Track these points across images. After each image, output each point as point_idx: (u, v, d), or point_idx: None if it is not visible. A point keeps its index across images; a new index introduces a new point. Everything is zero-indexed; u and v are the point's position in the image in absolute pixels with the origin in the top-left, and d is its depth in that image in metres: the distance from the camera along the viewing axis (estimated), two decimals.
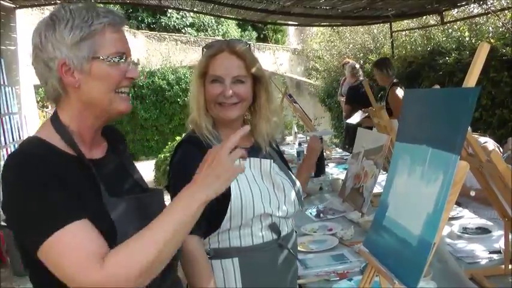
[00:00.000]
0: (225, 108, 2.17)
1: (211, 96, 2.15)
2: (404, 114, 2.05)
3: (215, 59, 2.16)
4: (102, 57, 1.56)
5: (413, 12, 8.70)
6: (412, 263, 1.64)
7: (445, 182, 1.58)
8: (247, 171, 2.16)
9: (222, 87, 2.14)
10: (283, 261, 2.22)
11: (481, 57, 1.71)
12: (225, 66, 2.16)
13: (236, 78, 2.16)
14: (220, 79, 2.15)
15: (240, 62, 2.18)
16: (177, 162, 2.16)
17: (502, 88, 6.34)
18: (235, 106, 2.18)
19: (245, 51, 2.20)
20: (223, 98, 2.15)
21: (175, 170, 2.17)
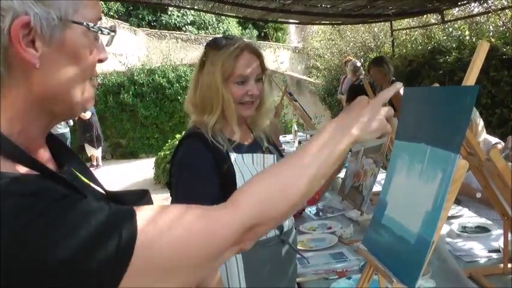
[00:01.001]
0: (246, 106, 2.20)
1: (237, 96, 2.16)
2: (403, 113, 2.05)
3: (239, 59, 2.16)
4: (86, 24, 1.04)
5: (413, 10, 8.69)
6: (411, 262, 1.64)
7: (443, 181, 1.58)
8: (251, 167, 2.16)
9: (248, 86, 2.17)
10: (284, 256, 2.24)
11: (481, 56, 1.71)
12: (250, 66, 2.18)
13: (258, 76, 2.21)
14: (246, 79, 2.17)
15: (258, 61, 2.22)
16: (182, 156, 2.14)
17: (502, 87, 6.34)
18: (253, 104, 2.22)
19: (260, 52, 2.25)
20: (248, 97, 2.18)
21: (180, 165, 2.15)
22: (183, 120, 15.29)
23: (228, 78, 2.15)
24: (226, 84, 2.15)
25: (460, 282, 2.39)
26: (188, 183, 2.10)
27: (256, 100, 2.22)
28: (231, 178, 2.08)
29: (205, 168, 2.08)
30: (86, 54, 1.06)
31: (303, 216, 3.77)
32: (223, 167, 2.09)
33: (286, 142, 7.72)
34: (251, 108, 2.21)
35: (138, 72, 16.33)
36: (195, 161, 2.11)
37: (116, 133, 16.25)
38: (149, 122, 16.29)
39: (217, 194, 2.06)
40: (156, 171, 11.26)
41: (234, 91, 2.15)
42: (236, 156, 2.15)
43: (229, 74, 2.15)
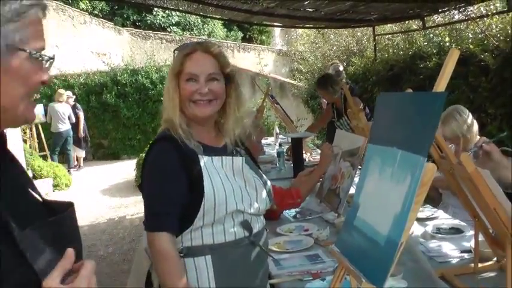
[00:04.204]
0: (199, 106, 2.20)
1: (186, 94, 2.19)
2: (376, 117, 2.11)
3: (190, 57, 2.20)
4: (29, 51, 1.20)
5: (395, 16, 8.77)
6: (380, 262, 1.69)
7: (412, 183, 1.63)
8: (219, 170, 2.20)
9: (198, 84, 2.18)
10: (255, 258, 2.26)
11: (451, 63, 1.77)
12: (200, 64, 2.20)
13: (211, 75, 2.21)
14: (195, 77, 2.18)
15: (214, 60, 2.23)
16: (152, 160, 2.19)
17: (480, 93, 6.41)
18: (209, 104, 2.22)
19: (218, 52, 2.25)
20: (198, 95, 2.18)
21: (150, 168, 2.20)
22: None
23: (178, 76, 2.20)
24: (177, 82, 2.20)
25: (431, 282, 2.44)
26: (157, 185, 2.14)
27: (215, 100, 2.23)
28: (199, 180, 2.11)
29: (174, 169, 2.12)
30: (30, 75, 1.22)
31: (281, 218, 3.81)
32: (192, 169, 2.12)
33: (268, 144, 7.77)
34: (207, 108, 2.22)
35: (122, 72, 16.28)
36: (165, 163, 2.15)
37: (98, 134, 16.22)
38: (131, 123, 16.24)
39: (185, 195, 2.10)
40: (137, 172, 11.19)
41: (183, 88, 2.19)
42: (206, 159, 2.18)
43: (179, 72, 2.20)
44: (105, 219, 9.14)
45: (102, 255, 7.29)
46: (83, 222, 8.95)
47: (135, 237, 7.86)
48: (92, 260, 1.23)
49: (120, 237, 8.07)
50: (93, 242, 7.87)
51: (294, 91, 15.76)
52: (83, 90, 15.97)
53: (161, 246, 2.06)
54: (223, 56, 2.28)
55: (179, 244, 2.15)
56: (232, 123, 2.30)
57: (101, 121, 16.14)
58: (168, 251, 2.06)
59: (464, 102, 6.61)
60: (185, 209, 2.10)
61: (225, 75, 2.26)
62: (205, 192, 2.10)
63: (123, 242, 7.82)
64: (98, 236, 8.16)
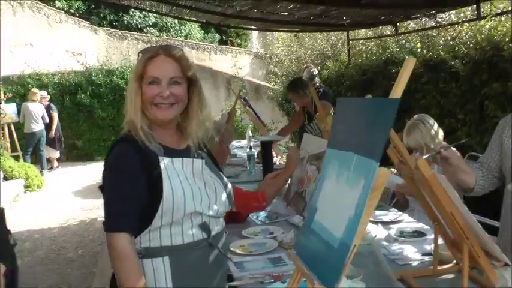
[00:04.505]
0: (161, 109, 2.21)
1: (148, 97, 2.20)
2: (335, 122, 2.14)
3: (152, 61, 2.21)
4: None
5: (368, 22, 8.87)
6: (333, 265, 1.72)
7: (365, 187, 1.66)
8: (179, 171, 2.21)
9: (160, 88, 2.19)
10: (213, 260, 2.27)
11: (408, 70, 1.81)
12: (162, 68, 2.20)
13: (173, 79, 2.21)
14: (157, 80, 2.19)
15: (176, 64, 2.23)
16: (112, 161, 2.20)
17: (451, 99, 6.50)
18: (171, 107, 2.22)
19: (181, 55, 2.26)
20: (160, 98, 2.19)
21: (109, 170, 2.20)
22: None
23: (141, 79, 2.21)
24: (139, 85, 2.21)
25: (389, 284, 2.48)
26: (117, 186, 2.15)
27: (177, 103, 2.24)
28: (158, 181, 2.12)
29: (133, 171, 2.12)
30: None
31: (247, 221, 3.83)
32: (152, 170, 2.13)
33: (240, 147, 7.79)
34: (169, 111, 2.23)
35: (96, 72, 16.17)
36: (124, 164, 2.16)
37: (72, 134, 16.05)
38: (106, 124, 16.13)
39: (145, 196, 2.11)
40: None
41: (145, 92, 2.20)
42: (166, 160, 2.19)
43: (141, 75, 2.21)
44: (77, 221, 9.07)
45: (71, 257, 7.25)
46: (54, 224, 8.91)
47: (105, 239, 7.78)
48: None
49: (91, 239, 8.02)
50: (63, 244, 7.82)
51: (269, 94, 15.80)
52: (57, 90, 15.81)
53: (120, 246, 2.06)
54: (186, 59, 2.29)
55: (138, 245, 2.15)
56: (195, 126, 2.31)
57: (75, 121, 16.01)
58: (126, 251, 2.06)
59: (435, 108, 6.73)
60: (144, 209, 2.11)
61: (187, 78, 2.28)
62: (164, 193, 2.11)
63: (93, 244, 7.77)
64: (69, 238, 8.10)
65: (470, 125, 6.17)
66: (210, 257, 2.26)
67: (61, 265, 6.95)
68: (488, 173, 2.91)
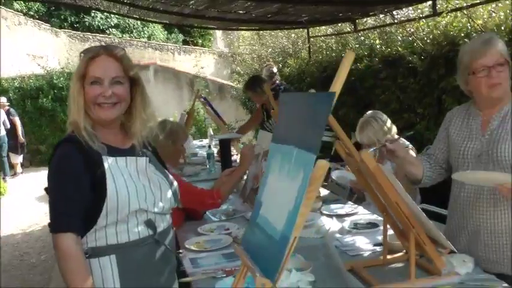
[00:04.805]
0: (104, 109, 2.22)
1: (91, 97, 2.20)
2: (279, 117, 2.17)
3: (94, 61, 2.21)
4: None
5: (325, 19, 8.92)
6: (274, 257, 1.75)
7: (304, 180, 1.69)
8: (123, 169, 2.22)
9: (102, 88, 2.19)
10: (160, 257, 2.29)
11: (346, 65, 1.85)
12: (104, 68, 2.21)
13: (115, 79, 2.22)
14: (99, 80, 2.20)
15: (117, 64, 2.24)
16: (56, 162, 2.19)
17: (409, 94, 6.58)
18: (114, 107, 2.23)
19: (122, 55, 2.27)
20: (102, 98, 2.19)
21: (53, 171, 2.20)
22: None
23: (83, 79, 2.21)
24: (81, 85, 2.21)
25: (339, 275, 2.52)
26: (60, 185, 2.15)
27: (119, 103, 2.25)
28: (102, 181, 2.13)
29: (76, 171, 2.13)
30: None
31: (204, 218, 3.85)
32: (96, 170, 2.14)
33: (202, 146, 7.81)
34: (111, 111, 2.23)
35: (58, 75, 16.01)
36: (67, 165, 2.16)
37: (35, 139, 15.85)
38: None
39: (89, 196, 2.11)
40: None
41: (87, 92, 2.20)
42: (110, 160, 2.20)
43: (83, 75, 2.21)
44: (40, 227, 8.96)
45: (34, 263, 7.19)
46: (17, 230, 8.82)
47: None
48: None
49: None
50: (26, 250, 7.76)
51: (233, 93, 15.82)
52: (18, 94, 15.63)
53: (65, 246, 2.06)
54: (128, 59, 2.30)
55: (84, 245, 2.16)
56: (138, 125, 2.32)
57: (38, 126, 15.82)
58: (72, 251, 2.07)
59: (394, 103, 6.81)
60: (89, 209, 2.12)
61: (130, 78, 2.29)
62: (108, 192, 2.12)
63: None
64: (32, 244, 8.03)
65: (429, 118, 6.25)
66: (156, 254, 2.28)
67: (24, 271, 6.90)
68: (436, 164, 2.98)
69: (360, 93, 7.59)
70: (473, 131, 2.80)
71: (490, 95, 2.71)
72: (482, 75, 2.67)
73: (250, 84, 6.62)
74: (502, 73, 2.63)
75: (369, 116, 4.22)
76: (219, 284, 2.54)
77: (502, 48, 2.65)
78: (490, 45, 2.66)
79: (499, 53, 2.64)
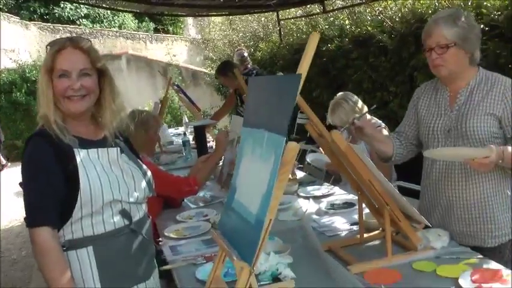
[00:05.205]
0: (73, 101, 2.21)
1: (59, 90, 2.19)
2: (248, 101, 2.19)
3: (60, 54, 2.20)
4: None
5: (295, 1, 8.94)
6: (250, 240, 1.77)
7: (276, 163, 1.71)
8: (95, 162, 2.22)
9: (70, 81, 2.18)
10: (137, 246, 2.30)
11: (312, 46, 1.85)
12: (71, 61, 2.20)
13: (82, 71, 2.21)
14: (67, 73, 2.18)
15: (84, 56, 2.23)
16: (28, 156, 2.19)
17: (381, 72, 6.63)
18: (83, 99, 2.22)
19: (89, 47, 2.26)
20: (71, 91, 2.19)
21: (26, 165, 2.20)
22: None
23: (51, 72, 2.20)
24: (49, 78, 2.20)
25: (316, 255, 2.55)
26: (33, 179, 2.15)
27: (88, 95, 2.24)
28: (75, 173, 2.13)
29: (48, 164, 2.12)
30: None
31: (182, 206, 3.86)
32: (68, 163, 2.13)
33: (178, 134, 7.80)
34: (81, 103, 2.22)
35: (30, 69, 15.86)
36: (39, 158, 2.15)
37: (10, 134, 15.67)
38: None
39: (61, 188, 2.11)
40: None
41: (56, 85, 2.19)
42: (82, 152, 2.19)
43: (50, 69, 2.20)
44: (20, 222, 8.87)
45: (15, 259, 7.16)
46: None
47: None
48: None
49: None
50: (6, 246, 7.71)
51: (206, 79, 15.79)
52: None
53: (41, 240, 2.06)
54: (94, 50, 2.29)
55: (61, 238, 2.15)
56: (109, 116, 2.32)
57: (13, 121, 15.67)
58: (49, 245, 2.06)
59: (366, 82, 6.86)
60: (63, 202, 2.12)
61: (97, 69, 2.28)
62: (81, 185, 2.12)
63: None
64: (12, 240, 7.98)
65: (401, 96, 6.31)
66: (134, 244, 2.29)
67: (5, 267, 6.86)
68: (406, 141, 3.01)
69: (332, 74, 7.63)
70: (442, 107, 2.83)
71: (436, 74, 2.78)
72: (428, 56, 2.73)
73: (221, 70, 6.64)
74: (445, 55, 2.65)
75: (339, 97, 4.23)
76: (199, 270, 2.56)
77: (446, 30, 2.63)
78: (434, 26, 2.68)
79: (441, 35, 2.64)
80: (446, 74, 2.73)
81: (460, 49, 2.65)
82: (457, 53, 2.66)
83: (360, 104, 4.19)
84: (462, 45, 2.65)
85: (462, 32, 2.64)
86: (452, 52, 2.65)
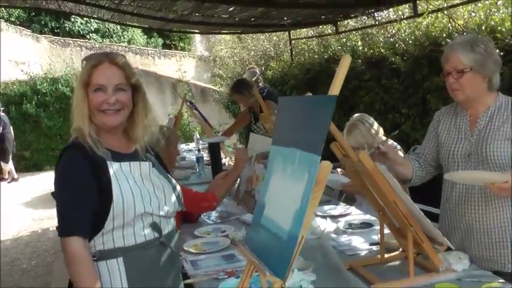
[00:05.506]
0: (108, 115, 2.26)
1: (95, 104, 2.24)
2: (278, 120, 2.23)
3: (97, 69, 2.26)
4: None
5: (308, 21, 9.00)
6: (283, 256, 1.80)
7: (309, 181, 1.74)
8: (128, 174, 2.26)
9: (106, 95, 2.24)
10: (166, 259, 2.34)
11: (344, 68, 1.89)
12: (107, 76, 2.26)
13: (118, 86, 2.26)
14: (103, 87, 2.24)
15: (120, 71, 2.29)
16: (62, 168, 2.23)
17: (393, 94, 6.64)
18: (117, 113, 2.28)
19: (124, 63, 2.32)
20: (106, 105, 2.24)
21: (60, 177, 2.24)
22: None
23: (86, 87, 2.26)
24: (85, 92, 2.26)
25: (339, 274, 2.58)
26: (67, 192, 2.20)
27: (123, 109, 2.30)
28: (108, 185, 2.18)
29: (83, 177, 2.17)
30: None
31: (199, 221, 3.89)
32: (101, 175, 2.18)
33: (189, 150, 7.83)
34: (115, 117, 2.28)
35: (41, 81, 15.99)
36: (74, 171, 2.20)
37: (19, 145, 15.72)
38: (53, 133, 15.97)
39: (94, 200, 2.16)
40: None
41: (91, 99, 2.25)
42: (115, 165, 2.24)
43: (86, 83, 2.26)
44: (28, 232, 8.98)
45: (25, 268, 7.19)
46: (5, 236, 8.79)
47: (59, 248, 7.68)
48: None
49: (44, 249, 7.97)
50: (16, 256, 7.76)
51: (215, 96, 15.85)
52: (2, 100, 15.53)
53: (73, 250, 2.10)
54: (129, 66, 2.35)
55: (92, 248, 2.19)
56: (140, 131, 2.37)
57: (22, 132, 15.78)
58: (80, 254, 2.11)
59: (378, 103, 6.87)
60: (95, 213, 2.16)
61: (131, 85, 2.33)
62: (114, 197, 2.16)
63: (46, 254, 7.72)
64: (21, 250, 8.02)
65: (413, 118, 6.30)
66: (162, 256, 2.32)
67: (15, 276, 6.90)
68: (425, 163, 3.05)
69: (345, 95, 7.65)
70: (462, 131, 2.86)
71: (454, 98, 2.85)
72: (446, 80, 2.80)
73: (237, 87, 6.65)
74: (461, 80, 2.71)
75: (355, 119, 4.25)
76: (222, 285, 2.59)
77: (463, 56, 2.70)
78: (451, 51, 2.75)
79: (457, 60, 2.71)
80: (463, 98, 2.77)
81: (477, 74, 2.70)
82: (473, 78, 2.71)
83: (375, 126, 4.21)
84: (479, 70, 2.69)
85: (479, 57, 2.69)
86: (468, 77, 2.70)
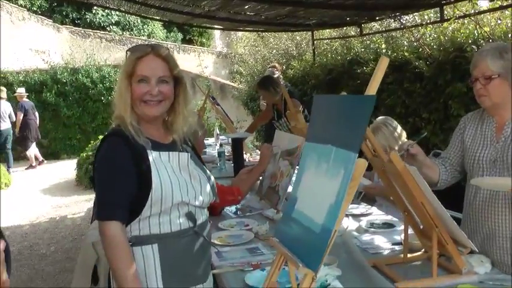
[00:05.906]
0: (150, 105, 2.33)
1: (138, 94, 2.31)
2: (313, 117, 2.27)
3: (142, 60, 2.32)
4: None
5: (333, 22, 9.03)
6: (315, 249, 1.85)
7: (345, 177, 1.79)
8: (166, 164, 2.33)
9: (149, 86, 2.30)
10: (198, 248, 2.41)
11: (381, 70, 1.94)
12: (151, 67, 2.32)
13: (161, 78, 2.33)
14: (146, 79, 2.31)
15: (164, 64, 2.35)
16: (104, 154, 2.30)
17: (415, 98, 6.65)
18: (159, 104, 2.34)
19: (168, 55, 2.38)
20: (149, 96, 2.31)
21: (101, 162, 2.31)
22: (105, 121, 15.22)
23: (130, 77, 2.33)
24: (129, 83, 2.33)
25: (363, 270, 2.63)
26: (108, 178, 2.27)
27: (164, 100, 2.36)
28: (147, 173, 2.25)
29: (124, 163, 2.25)
30: None
31: (222, 215, 3.94)
32: (141, 163, 2.25)
33: (209, 145, 7.88)
34: (157, 107, 2.35)
35: (62, 71, 16.11)
36: (115, 157, 2.27)
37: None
38: (71, 122, 16.11)
39: (134, 186, 2.22)
40: (78, 172, 11.15)
41: (135, 89, 2.32)
42: (154, 154, 2.31)
43: (130, 74, 2.33)
44: (47, 219, 9.10)
45: (44, 253, 7.29)
46: (24, 221, 8.93)
47: (77, 236, 7.90)
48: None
49: (62, 236, 8.08)
50: (35, 241, 7.87)
51: (234, 93, 15.90)
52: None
53: (111, 234, 2.17)
54: (173, 58, 2.41)
55: (128, 234, 2.26)
56: (180, 121, 2.44)
57: (41, 120, 15.87)
58: (118, 239, 2.17)
59: (400, 107, 6.88)
60: (134, 199, 2.23)
61: (174, 77, 2.39)
62: (153, 185, 2.23)
63: (65, 240, 7.83)
64: (40, 235, 8.14)
65: (434, 123, 6.31)
66: (195, 245, 2.39)
67: (34, 261, 7.01)
68: (451, 167, 3.09)
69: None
70: (488, 138, 2.90)
71: (481, 104, 2.90)
72: (474, 86, 2.83)
73: (263, 83, 6.72)
74: (489, 86, 2.75)
75: (379, 122, 4.28)
76: (248, 277, 2.64)
77: (491, 62, 2.73)
78: (480, 58, 2.80)
79: (486, 66, 2.75)
80: (490, 104, 2.81)
81: (505, 81, 2.73)
82: (500, 85, 2.74)
83: (399, 129, 4.24)
84: (507, 77, 2.73)
85: (508, 64, 2.72)
86: (495, 83, 2.74)
